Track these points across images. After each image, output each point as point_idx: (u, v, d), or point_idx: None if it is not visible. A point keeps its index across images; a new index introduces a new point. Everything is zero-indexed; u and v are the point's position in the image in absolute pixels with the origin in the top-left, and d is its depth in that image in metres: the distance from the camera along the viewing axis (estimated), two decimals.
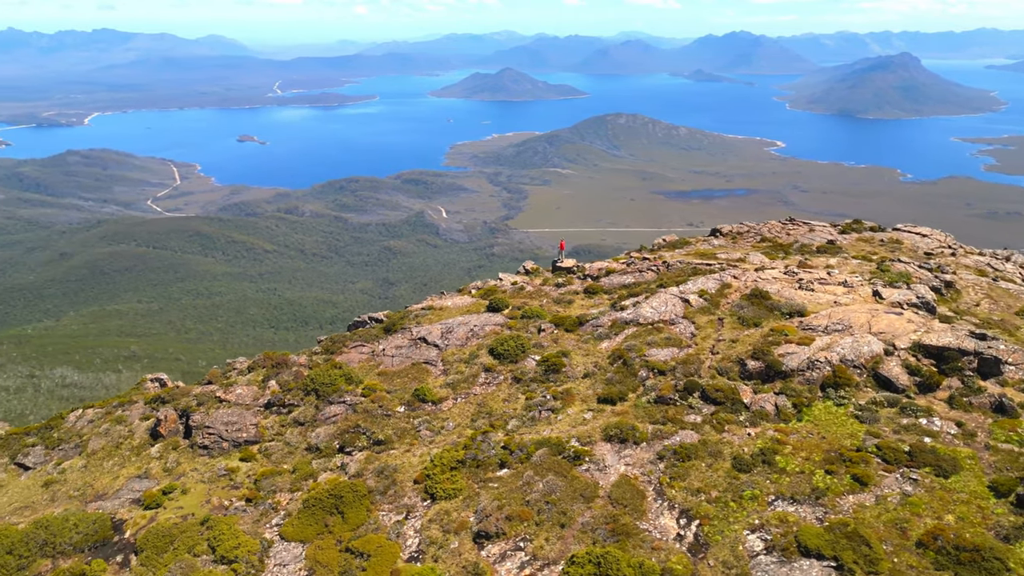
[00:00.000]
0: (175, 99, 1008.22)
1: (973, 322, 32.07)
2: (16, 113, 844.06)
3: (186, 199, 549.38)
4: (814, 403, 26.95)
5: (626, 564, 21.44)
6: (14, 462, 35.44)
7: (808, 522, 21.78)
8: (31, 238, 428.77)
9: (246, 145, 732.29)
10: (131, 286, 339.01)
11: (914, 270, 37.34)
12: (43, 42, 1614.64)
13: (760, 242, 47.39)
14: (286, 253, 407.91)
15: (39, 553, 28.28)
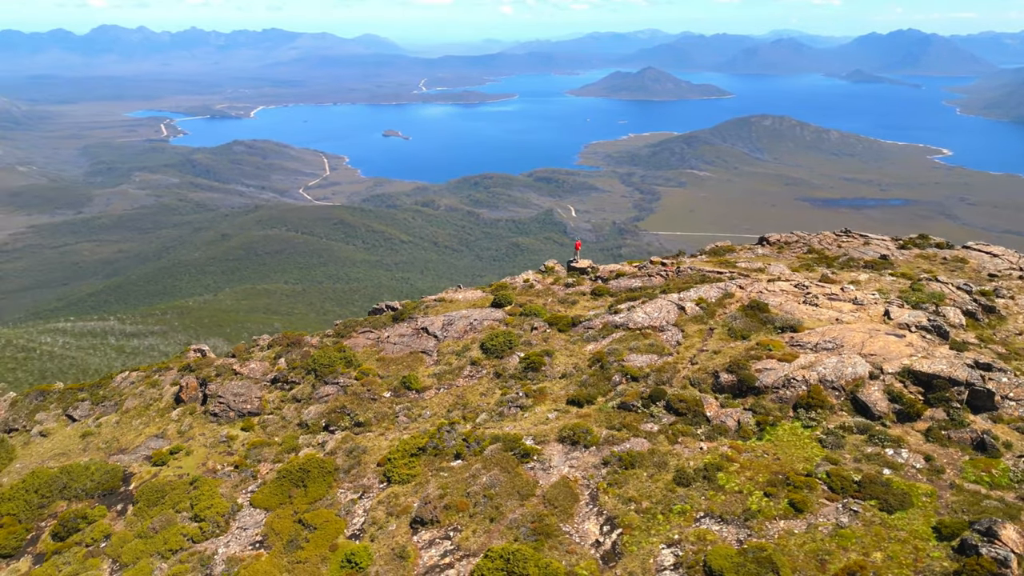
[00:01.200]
0: (329, 94, 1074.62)
1: (997, 351, 29.01)
2: (193, 105, 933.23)
3: (333, 189, 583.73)
4: (781, 423, 25.73)
5: (534, 564, 21.63)
6: (65, 413, 39.79)
7: (726, 543, 21.08)
8: (198, 219, 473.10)
9: (390, 140, 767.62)
10: (279, 267, 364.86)
11: (951, 291, 34.20)
12: (220, 41, 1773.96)
13: (806, 253, 45.25)
14: (420, 244, 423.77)
15: (59, 495, 31.85)
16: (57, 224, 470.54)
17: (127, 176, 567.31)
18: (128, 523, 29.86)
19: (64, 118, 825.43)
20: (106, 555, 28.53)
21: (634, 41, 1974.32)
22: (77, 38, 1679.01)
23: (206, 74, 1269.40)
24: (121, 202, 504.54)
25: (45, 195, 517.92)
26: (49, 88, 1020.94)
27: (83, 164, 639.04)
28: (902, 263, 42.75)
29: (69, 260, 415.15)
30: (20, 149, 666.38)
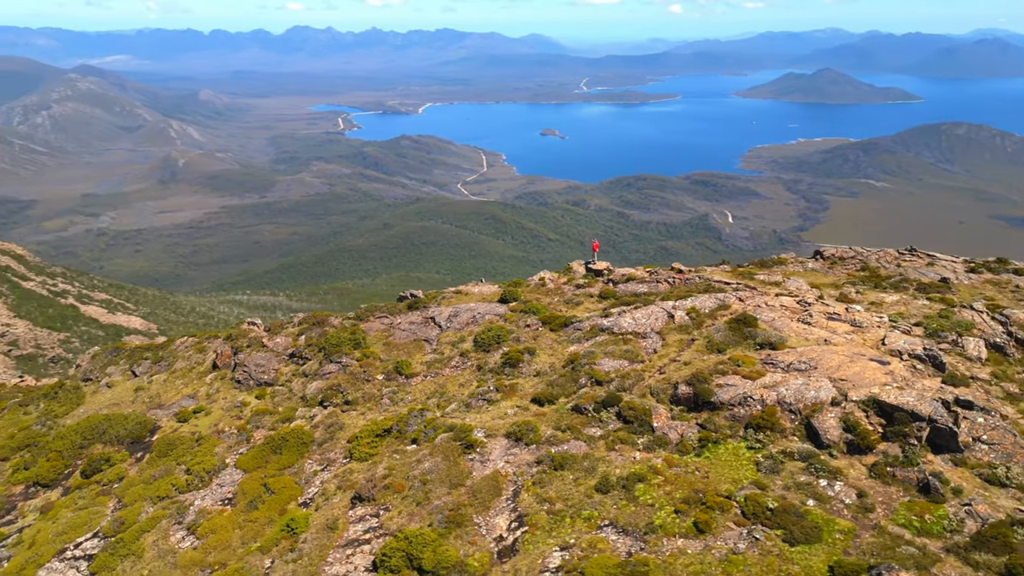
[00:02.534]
0: (493, 93, 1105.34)
1: (1008, 390, 26.20)
2: (368, 101, 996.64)
3: (489, 185, 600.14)
4: (727, 441, 24.77)
5: (431, 549, 22.60)
6: (130, 369, 44.57)
7: (615, 553, 21.00)
8: (364, 208, 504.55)
9: (547, 139, 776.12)
10: (433, 257, 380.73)
11: (982, 321, 30.98)
12: (397, 40, 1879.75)
13: (859, 271, 41.98)
14: (567, 243, 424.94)
15: (98, 439, 36.22)
16: (245, 206, 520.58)
17: (306, 165, 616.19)
18: (139, 469, 33.64)
19: (258, 110, 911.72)
20: (114, 495, 32.34)
21: (810, 41, 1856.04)
22: (274, 38, 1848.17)
23: (382, 72, 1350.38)
24: (299, 189, 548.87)
25: (237, 179, 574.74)
26: (247, 83, 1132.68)
27: (270, 153, 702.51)
28: (964, 288, 39.01)
29: (251, 239, 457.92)
30: (220, 137, 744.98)
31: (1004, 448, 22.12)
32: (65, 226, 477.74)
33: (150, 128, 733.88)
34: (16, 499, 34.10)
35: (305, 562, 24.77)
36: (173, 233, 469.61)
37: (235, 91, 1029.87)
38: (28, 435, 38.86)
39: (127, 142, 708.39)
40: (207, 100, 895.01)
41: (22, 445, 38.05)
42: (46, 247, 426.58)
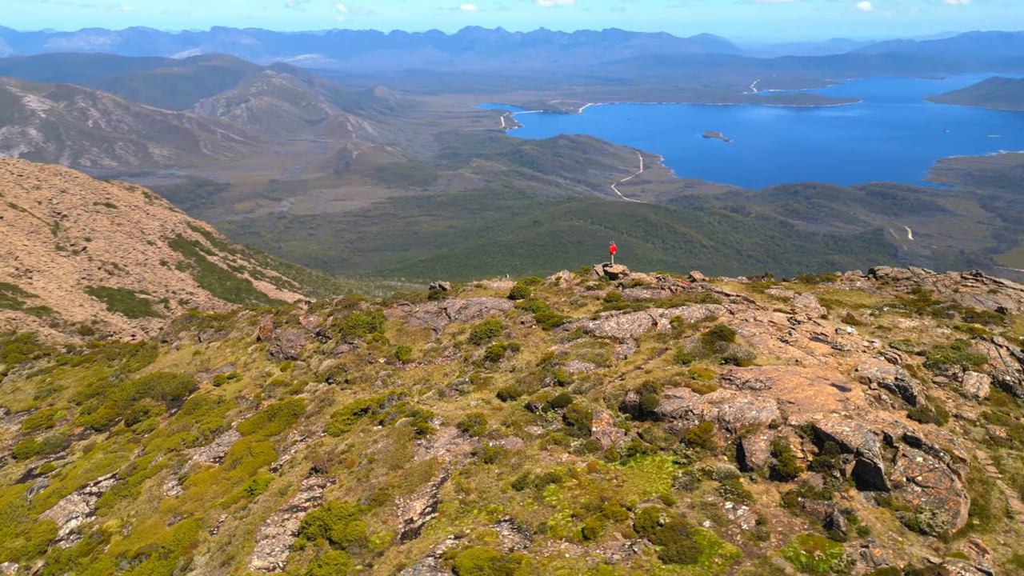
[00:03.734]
0: (655, 94, 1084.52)
1: (994, 433, 24.19)
2: (530, 100, 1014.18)
3: (643, 187, 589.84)
4: (656, 453, 24.48)
5: (344, 523, 24.22)
6: (197, 335, 48.56)
7: (497, 548, 21.49)
8: (517, 205, 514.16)
9: (710, 141, 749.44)
10: (579, 257, 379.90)
11: (999, 355, 28.35)
12: (564, 40, 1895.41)
13: (909, 293, 39.01)
14: (721, 251, 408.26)
15: (147, 393, 40.41)
16: (408, 198, 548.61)
17: (466, 161, 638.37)
18: (168, 423, 37.38)
19: (426, 108, 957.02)
20: (141, 443, 36.16)
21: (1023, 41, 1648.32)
22: (447, 37, 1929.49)
23: (546, 71, 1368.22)
24: (458, 184, 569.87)
25: (402, 172, 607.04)
26: (419, 81, 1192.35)
27: (435, 148, 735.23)
28: (1021, 320, 35.18)
29: (411, 230, 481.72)
30: (390, 132, 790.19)
31: (937, 493, 20.36)
32: (252, 208, 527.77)
33: (330, 122, 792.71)
34: (73, 438, 39.18)
35: (248, 520, 27.08)
36: (343, 220, 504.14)
37: (407, 88, 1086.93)
38: (101, 384, 44.12)
39: (310, 134, 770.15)
40: (382, 96, 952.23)
41: (94, 393, 43.28)
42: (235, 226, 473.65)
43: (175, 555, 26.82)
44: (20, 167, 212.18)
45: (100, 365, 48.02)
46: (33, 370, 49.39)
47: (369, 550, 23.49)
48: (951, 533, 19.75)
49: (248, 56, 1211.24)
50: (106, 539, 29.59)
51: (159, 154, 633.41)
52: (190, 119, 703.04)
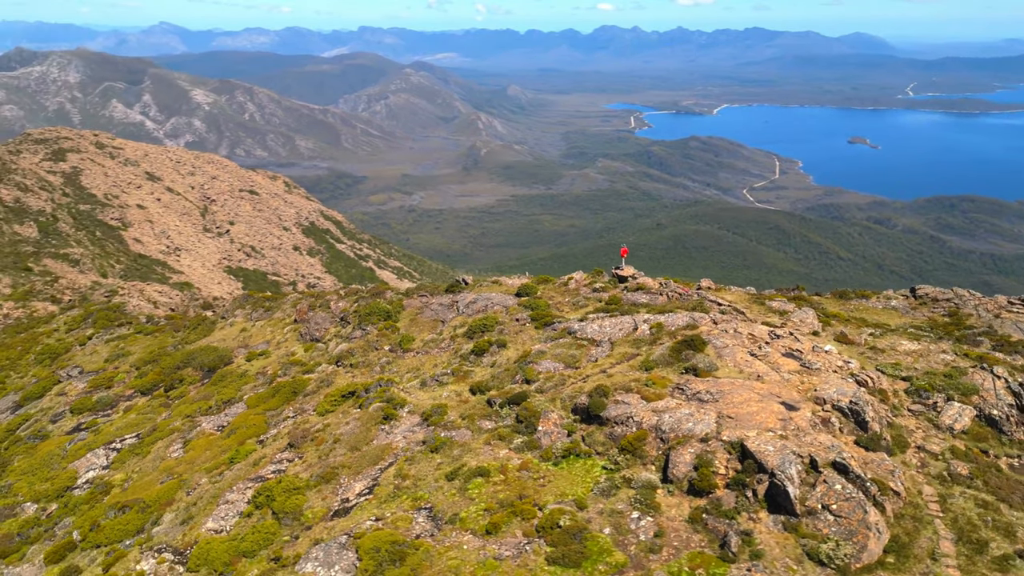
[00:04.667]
0: (798, 96, 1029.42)
1: (954, 470, 22.19)
2: (663, 100, 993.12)
3: (778, 193, 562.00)
4: (591, 457, 24.50)
5: (287, 496, 25.89)
6: (249, 314, 51.13)
7: (405, 533, 22.21)
8: (641, 206, 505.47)
9: (855, 147, 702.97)
10: (702, 263, 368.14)
11: (993, 387, 26.04)
12: (702, 40, 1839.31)
13: (943, 315, 36.61)
14: (860, 264, 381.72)
15: (189, 364, 43.64)
16: (531, 196, 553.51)
17: (592, 161, 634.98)
18: (196, 392, 40.15)
19: (556, 107, 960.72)
20: (170, 408, 39.17)
21: None
22: (582, 37, 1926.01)
23: (681, 71, 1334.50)
24: (582, 184, 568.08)
25: (528, 171, 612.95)
26: (551, 80, 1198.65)
27: (561, 147, 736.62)
28: None
29: (532, 228, 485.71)
30: (519, 130, 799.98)
31: (848, 524, 19.43)
32: (385, 201, 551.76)
33: (463, 119, 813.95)
34: (121, 399, 43.09)
35: (219, 485, 29.10)
36: (468, 215, 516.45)
37: (539, 87, 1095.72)
38: (159, 353, 47.97)
39: (443, 131, 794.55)
40: (513, 95, 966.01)
41: (151, 359, 47.10)
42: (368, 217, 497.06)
43: (151, 510, 29.24)
44: (178, 155, 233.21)
45: (166, 335, 52.30)
46: (112, 336, 54.33)
47: (300, 523, 24.82)
48: (853, 568, 18.60)
49: (390, 55, 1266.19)
50: (108, 490, 32.63)
51: (304, 146, 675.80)
52: (334, 114, 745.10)
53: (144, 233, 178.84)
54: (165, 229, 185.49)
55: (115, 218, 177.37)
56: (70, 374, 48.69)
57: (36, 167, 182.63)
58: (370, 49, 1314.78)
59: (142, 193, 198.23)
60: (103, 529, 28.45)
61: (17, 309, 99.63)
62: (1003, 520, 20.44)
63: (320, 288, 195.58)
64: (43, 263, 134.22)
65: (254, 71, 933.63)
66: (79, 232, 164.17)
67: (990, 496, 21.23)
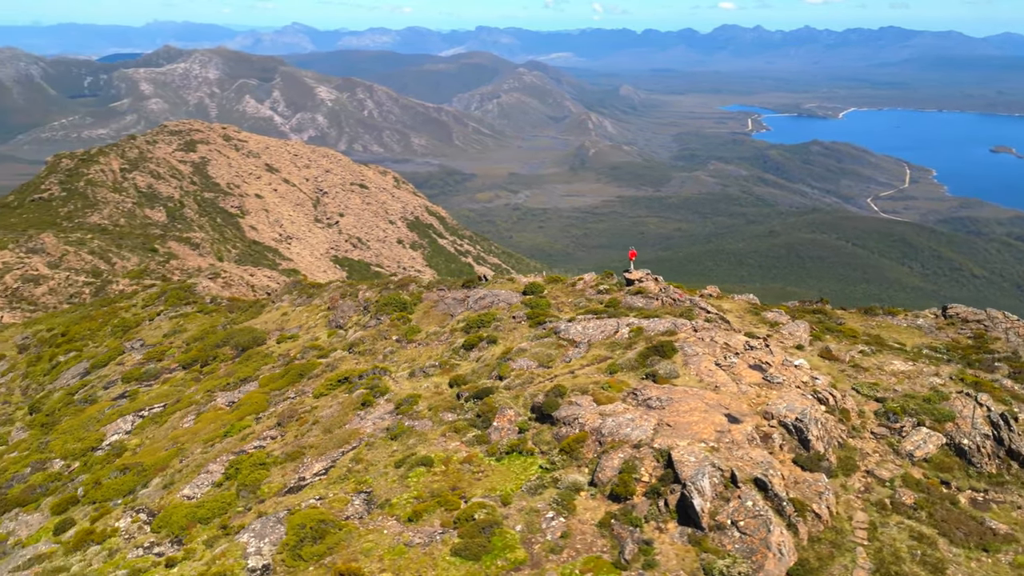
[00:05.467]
0: (935, 100, 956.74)
1: (897, 499, 21.28)
2: (784, 102, 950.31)
3: (906, 203, 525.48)
4: (533, 455, 24.56)
5: (249, 470, 27.65)
6: (293, 299, 53.11)
7: (337, 513, 23.23)
8: (753, 212, 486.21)
9: (999, 156, 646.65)
10: (817, 274, 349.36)
11: (974, 416, 24.09)
12: (830, 39, 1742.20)
13: (968, 336, 34.59)
14: (997, 283, 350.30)
15: (227, 343, 46.03)
16: (638, 197, 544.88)
17: (704, 164, 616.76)
18: (225, 369, 42.26)
19: (669, 107, 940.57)
20: (199, 383, 41.76)
21: None
22: (700, 36, 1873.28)
23: (805, 72, 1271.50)
24: (691, 187, 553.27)
25: (635, 172, 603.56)
26: (665, 80, 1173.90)
27: (672, 149, 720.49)
28: None
29: (636, 230, 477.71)
30: (629, 131, 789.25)
31: (751, 542, 19.03)
32: (491, 199, 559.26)
33: (573, 119, 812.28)
34: (165, 372, 46.07)
35: (206, 456, 30.86)
36: (572, 215, 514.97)
37: (652, 88, 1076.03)
38: (207, 331, 50.69)
39: (552, 130, 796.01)
40: (626, 95, 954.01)
41: (199, 337, 49.88)
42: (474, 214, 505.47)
43: (146, 474, 31.39)
44: (296, 148, 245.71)
45: (221, 316, 55.17)
46: (176, 314, 57.93)
47: (256, 496, 26.26)
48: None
49: (506, 54, 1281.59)
50: (120, 453, 35.18)
51: (418, 143, 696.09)
52: (447, 112, 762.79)
53: (260, 221, 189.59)
54: (279, 218, 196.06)
55: (235, 206, 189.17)
56: (132, 346, 52.56)
57: (169, 156, 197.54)
58: (486, 49, 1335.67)
59: (261, 183, 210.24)
60: (102, 487, 31.01)
61: (131, 286, 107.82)
62: (935, 556, 19.28)
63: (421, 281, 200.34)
64: (168, 245, 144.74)
65: (375, 69, 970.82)
66: (202, 218, 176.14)
67: (930, 529, 20.05)
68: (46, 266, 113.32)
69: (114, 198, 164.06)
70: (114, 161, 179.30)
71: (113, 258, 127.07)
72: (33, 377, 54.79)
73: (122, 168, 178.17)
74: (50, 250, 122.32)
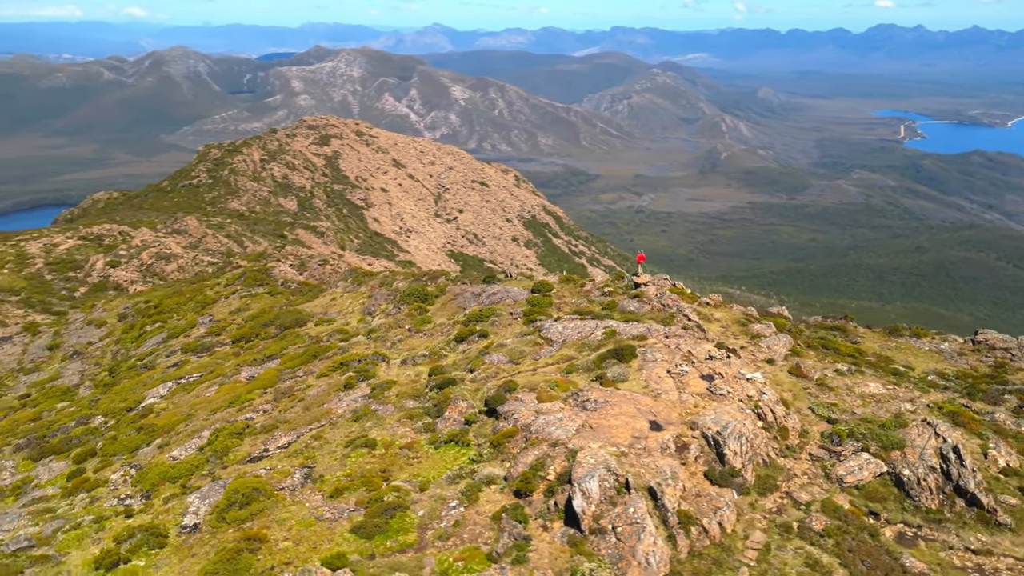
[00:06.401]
0: None
1: (808, 525, 20.51)
2: (942, 108, 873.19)
3: None
4: (468, 446, 25.25)
5: (223, 439, 30.10)
6: (346, 286, 54.67)
7: (272, 484, 24.83)
8: (900, 225, 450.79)
9: None
10: (968, 296, 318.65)
11: (925, 446, 22.54)
12: (1002, 40, 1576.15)
13: (989, 365, 31.22)
14: None
15: (274, 322, 47.72)
16: (771, 205, 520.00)
17: (847, 172, 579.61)
18: (262, 346, 44.20)
19: (812, 111, 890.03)
20: (239, 357, 44.14)
21: None
22: (852, 36, 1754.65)
23: (970, 76, 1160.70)
24: (831, 195, 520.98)
25: (770, 178, 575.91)
26: (810, 83, 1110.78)
27: (812, 155, 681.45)
28: None
29: (768, 238, 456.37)
30: (766, 135, 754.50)
31: (622, 549, 18.79)
32: (614, 200, 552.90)
33: (706, 121, 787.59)
34: (216, 346, 49.11)
35: (205, 423, 33.11)
36: (697, 220, 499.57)
37: (794, 90, 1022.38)
38: (265, 311, 53.38)
39: (683, 132, 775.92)
40: (764, 98, 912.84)
41: (256, 316, 52.55)
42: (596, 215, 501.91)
43: (154, 435, 33.91)
44: (422, 145, 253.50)
45: (283, 297, 58.00)
46: (247, 294, 61.23)
47: (221, 463, 28.26)
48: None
49: (640, 55, 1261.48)
50: (146, 415, 38.08)
51: (545, 143, 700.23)
52: (576, 112, 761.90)
53: (382, 214, 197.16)
54: (401, 211, 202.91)
55: (360, 199, 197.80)
56: (203, 321, 56.31)
57: (305, 149, 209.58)
58: (621, 49, 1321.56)
59: (387, 178, 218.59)
60: (115, 443, 33.96)
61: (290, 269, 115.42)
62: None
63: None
64: (296, 232, 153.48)
65: (509, 69, 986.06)
66: (329, 208, 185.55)
67: (831, 558, 19.14)
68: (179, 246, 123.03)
69: (253, 186, 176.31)
70: (255, 152, 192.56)
71: (245, 242, 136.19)
72: (123, 343, 60.11)
73: (262, 159, 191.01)
74: (192, 232, 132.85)
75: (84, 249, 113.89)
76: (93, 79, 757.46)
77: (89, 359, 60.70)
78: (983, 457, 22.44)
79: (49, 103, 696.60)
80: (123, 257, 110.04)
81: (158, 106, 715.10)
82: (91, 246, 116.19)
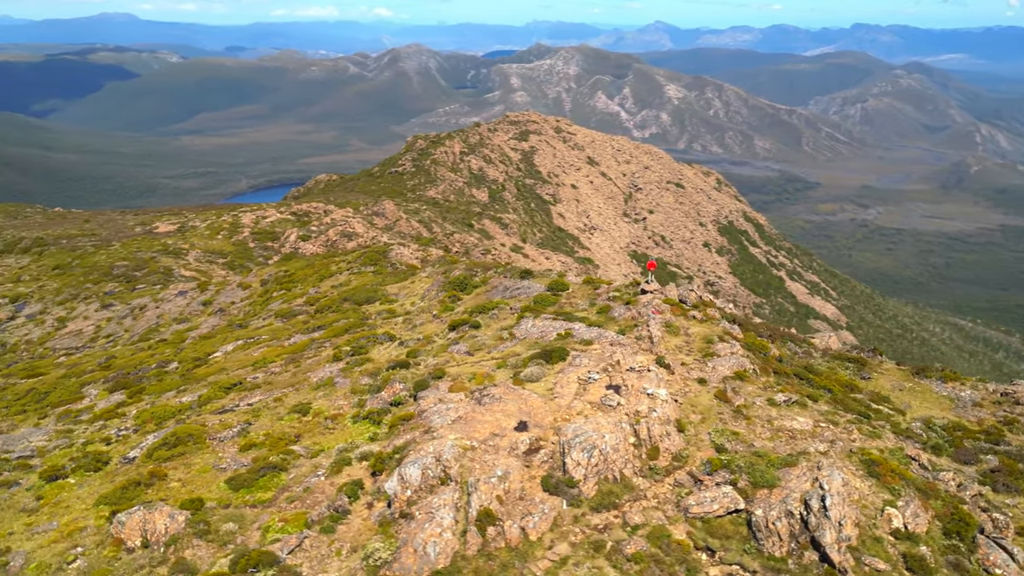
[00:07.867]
0: None
1: (625, 552, 20.07)
2: None
3: None
4: (378, 425, 26.81)
5: (212, 391, 33.09)
6: (431, 272, 54.77)
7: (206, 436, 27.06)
8: None
9: None
10: None
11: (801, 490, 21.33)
12: None
13: (1000, 423, 28.73)
14: None
15: (349, 299, 50.40)
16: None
17: None
18: (332, 316, 46.51)
19: None
20: (299, 325, 46.64)
21: None
22: None
23: None
24: None
25: None
26: None
27: None
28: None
29: (1018, 267, 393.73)
30: None
31: (408, 534, 20.39)
32: (834, 211, 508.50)
33: (955, 130, 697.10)
34: (299, 313, 51.93)
35: (225, 377, 35.72)
36: (932, 240, 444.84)
37: None
38: (359, 288, 54.74)
39: (925, 141, 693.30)
40: None
41: (346, 291, 53.98)
42: (811, 226, 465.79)
43: (188, 381, 37.44)
44: (619, 143, 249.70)
45: (380, 277, 60.17)
46: (357, 271, 64.27)
47: (199, 410, 30.95)
48: (380, 573, 18.58)
49: (883, 55, 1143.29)
50: (201, 366, 42.00)
51: (761, 146, 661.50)
52: (799, 115, 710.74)
53: (569, 210, 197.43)
54: (587, 209, 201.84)
55: (549, 194, 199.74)
56: (311, 292, 60.08)
57: (503, 144, 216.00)
58: (861, 48, 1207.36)
59: (579, 175, 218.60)
60: (158, 385, 38.09)
61: (416, 252, 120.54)
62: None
63: (718, 287, 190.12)
64: (482, 223, 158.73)
65: (730, 68, 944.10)
66: (517, 201, 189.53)
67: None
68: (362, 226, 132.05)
69: (450, 176, 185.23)
70: (456, 145, 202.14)
71: (435, 227, 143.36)
72: (255, 305, 66.26)
73: (461, 151, 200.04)
74: (388, 215, 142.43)
75: (284, 223, 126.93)
76: (340, 73, 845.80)
77: (226, 316, 67.69)
78: (879, 514, 19.88)
79: (304, 93, 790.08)
80: (313, 232, 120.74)
81: (391, 98, 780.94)
82: (292, 221, 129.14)
